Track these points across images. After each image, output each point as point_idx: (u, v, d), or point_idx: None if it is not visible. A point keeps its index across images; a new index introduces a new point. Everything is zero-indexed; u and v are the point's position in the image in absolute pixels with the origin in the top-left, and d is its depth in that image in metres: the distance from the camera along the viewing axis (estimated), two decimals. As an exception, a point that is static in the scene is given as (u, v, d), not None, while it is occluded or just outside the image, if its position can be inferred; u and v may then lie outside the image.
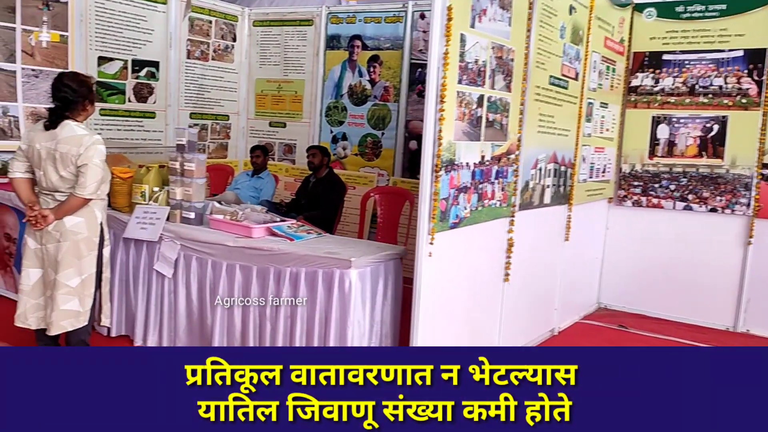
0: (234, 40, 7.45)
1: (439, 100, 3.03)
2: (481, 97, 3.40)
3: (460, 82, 3.18)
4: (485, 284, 3.80)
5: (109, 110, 6.22)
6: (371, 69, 6.86)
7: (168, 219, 3.88)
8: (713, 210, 5.21)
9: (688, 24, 5.23)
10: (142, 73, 6.46)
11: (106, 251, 3.53)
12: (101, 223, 3.46)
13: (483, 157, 3.50)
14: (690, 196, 5.30)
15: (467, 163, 3.35)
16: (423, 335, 3.12)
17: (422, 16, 6.48)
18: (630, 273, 5.56)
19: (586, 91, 4.73)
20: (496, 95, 3.55)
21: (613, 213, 5.62)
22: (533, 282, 4.38)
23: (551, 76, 4.19)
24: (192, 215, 3.85)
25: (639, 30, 5.42)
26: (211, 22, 7.12)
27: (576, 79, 4.58)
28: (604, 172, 5.36)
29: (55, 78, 3.42)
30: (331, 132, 7.17)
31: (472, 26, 3.22)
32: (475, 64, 3.29)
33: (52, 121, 3.32)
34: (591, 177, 5.09)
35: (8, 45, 5.39)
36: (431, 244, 3.10)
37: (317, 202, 5.69)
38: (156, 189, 4.01)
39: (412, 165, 6.67)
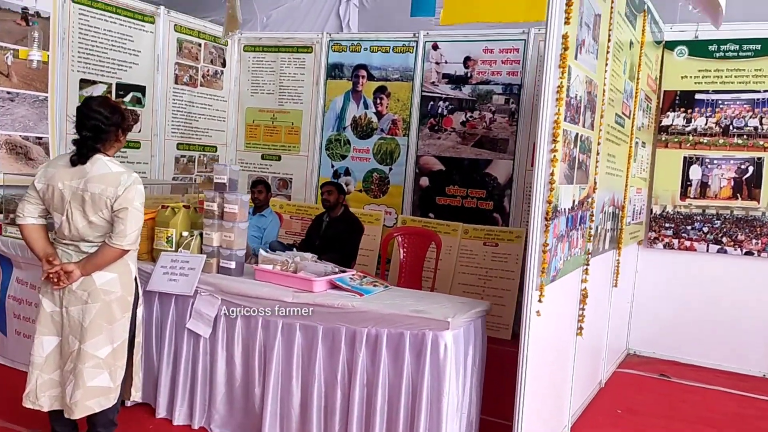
0: (224, 65, 6.94)
1: (552, 139, 2.67)
2: (576, 136, 3.06)
3: (564, 119, 2.84)
4: (562, 340, 3.43)
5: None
6: (378, 100, 6.48)
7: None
8: (749, 253, 5.03)
9: (722, 63, 5.10)
10: (127, 98, 5.86)
11: (140, 311, 2.95)
12: (135, 278, 2.90)
13: (574, 201, 3.15)
14: (724, 239, 5.11)
15: (565, 209, 2.99)
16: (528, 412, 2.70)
17: (435, 47, 6.18)
18: (661, 318, 5.31)
19: (634, 130, 4.50)
20: (585, 133, 3.23)
21: (643, 256, 5.38)
22: (592, 333, 4.05)
23: (616, 114, 3.92)
24: (232, 265, 3.32)
25: (669, 68, 5.26)
26: (200, 45, 6.60)
27: (629, 117, 4.34)
28: (640, 213, 5.14)
29: (82, 104, 2.86)
30: (333, 166, 6.72)
31: (575, 58, 2.89)
32: (575, 99, 2.95)
33: (82, 154, 2.76)
34: (632, 219, 4.84)
35: (-17, 64, 4.74)
36: (540, 302, 2.71)
37: (334, 243, 5.22)
38: (185, 233, 3.46)
39: (423, 203, 6.30)
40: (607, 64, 3.49)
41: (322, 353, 2.96)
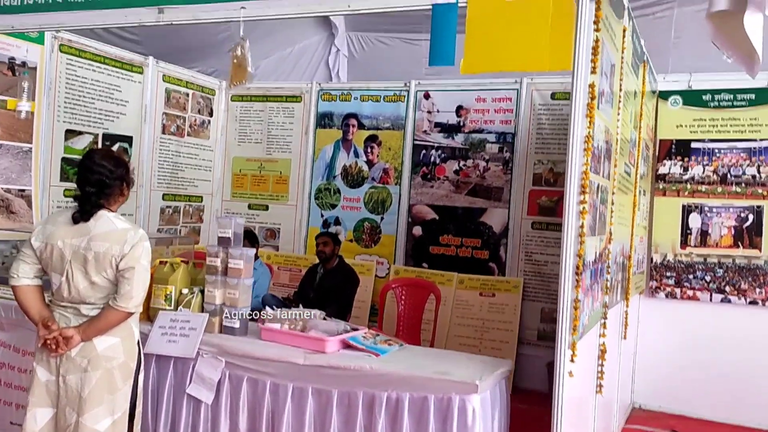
0: (211, 114, 6.82)
1: (581, 190, 2.57)
2: (597, 186, 2.98)
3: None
4: (583, 398, 3.27)
5: (75, 190, 5.32)
6: (369, 149, 6.40)
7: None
8: (753, 303, 4.98)
9: (717, 112, 5.14)
10: (114, 148, 5.67)
11: (142, 377, 2.73)
12: (138, 342, 2.69)
13: (596, 253, 3.04)
14: (728, 288, 5.06)
15: (589, 262, 2.88)
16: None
17: (426, 96, 6.15)
18: (665, 370, 5.19)
19: (637, 179, 4.46)
20: (603, 183, 3.15)
21: (645, 305, 5.28)
22: (606, 389, 3.90)
23: (625, 163, 3.88)
24: (237, 324, 3.12)
25: (664, 117, 5.29)
26: (188, 95, 6.49)
27: (633, 166, 4.30)
28: (642, 262, 5.07)
29: (84, 157, 2.71)
30: (322, 216, 6.57)
31: (598, 107, 2.83)
32: (597, 150, 2.88)
33: (86, 211, 2.58)
34: (636, 269, 4.77)
35: (-34, 114, 4.54)
36: (572, 361, 2.56)
37: (329, 296, 5.04)
38: (185, 291, 3.26)
39: (416, 253, 6.16)
40: (619, 114, 3.46)
41: (337, 420, 2.75)
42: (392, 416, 2.65)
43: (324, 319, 3.15)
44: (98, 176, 2.61)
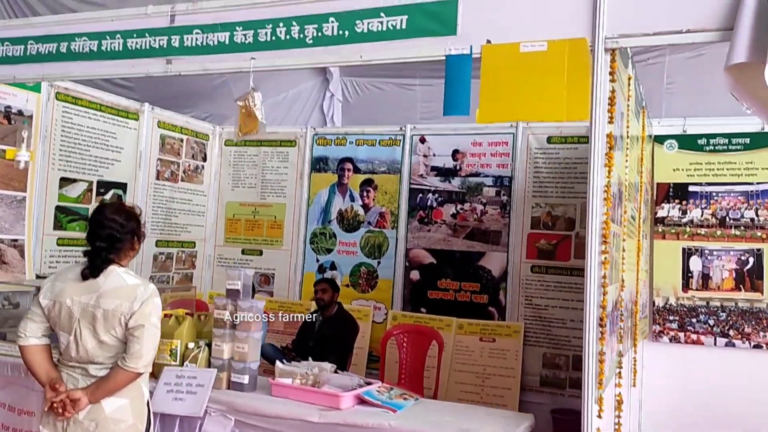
0: (204, 159, 6.78)
1: (602, 240, 2.55)
2: (613, 234, 2.96)
3: (605, 218, 2.73)
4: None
5: (68, 239, 5.24)
6: (364, 193, 6.37)
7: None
8: (758, 346, 4.96)
9: (713, 156, 5.20)
10: (108, 195, 5.59)
11: (151, 439, 2.62)
12: (148, 402, 2.58)
13: (613, 302, 3.01)
14: (731, 332, 5.04)
15: (609, 312, 2.84)
16: None
17: (422, 140, 6.17)
18: (669, 416, 5.11)
19: (641, 223, 4.47)
20: (617, 230, 3.13)
21: (649, 350, 5.24)
22: (619, 439, 3.81)
23: (631, 207, 3.88)
24: (246, 380, 3.02)
25: (661, 161, 5.34)
26: (182, 140, 6.45)
27: (637, 210, 4.31)
28: (645, 306, 5.04)
29: (95, 212, 2.65)
30: (317, 260, 6.49)
31: (612, 156, 2.83)
32: (613, 197, 2.87)
33: (96, 267, 2.50)
34: (641, 314, 4.74)
35: (-40, 163, 4.46)
36: (599, 417, 2.50)
37: (329, 344, 4.94)
38: (191, 345, 3.16)
39: (414, 298, 6.09)
40: (627, 159, 3.47)
41: (355, 481, 2.64)
42: (413, 477, 2.55)
43: (336, 372, 3.06)
44: (109, 231, 2.54)
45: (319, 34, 3.01)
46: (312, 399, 2.89)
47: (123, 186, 5.74)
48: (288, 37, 3.08)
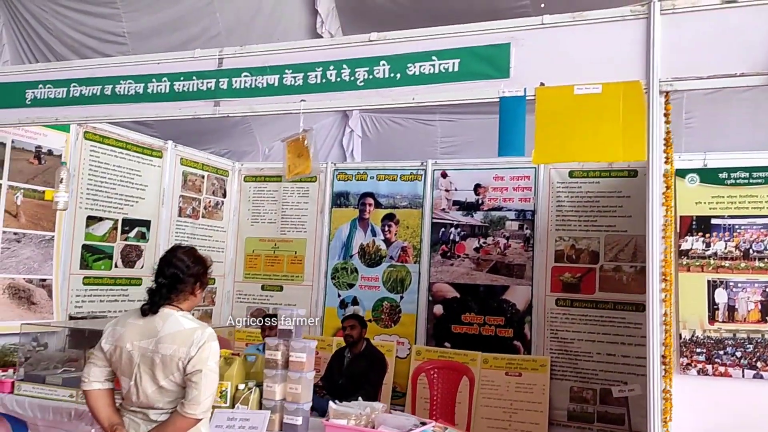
0: (224, 195, 6.81)
1: (662, 278, 2.57)
2: (664, 272, 2.99)
3: (660, 256, 2.77)
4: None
5: (94, 278, 5.24)
6: (386, 228, 6.40)
7: (262, 427, 2.99)
8: (786, 377, 4.95)
9: (734, 190, 5.24)
10: (132, 233, 5.61)
11: (213, 485, 2.59)
12: (210, 447, 2.56)
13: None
14: (759, 364, 5.03)
15: (663, 350, 2.85)
16: None
17: (444, 175, 6.22)
18: (701, 449, 5.09)
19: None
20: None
21: (677, 383, 5.20)
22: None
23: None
24: (299, 421, 3.00)
25: (683, 194, 5.36)
26: (203, 176, 6.49)
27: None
28: (673, 339, 5.04)
29: (167, 251, 2.68)
30: (339, 296, 6.49)
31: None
32: (663, 236, 2.91)
33: (154, 303, 2.52)
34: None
35: (-8, 204, 4.47)
36: (662, 456, 2.49)
37: (358, 381, 4.90)
38: (240, 386, 3.14)
39: (438, 332, 6.08)
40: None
41: None
42: None
43: (390, 412, 3.04)
44: (174, 270, 2.56)
45: (370, 76, 3.06)
46: (369, 440, 2.87)
47: (147, 224, 5.75)
48: (338, 79, 3.13)
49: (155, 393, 2.47)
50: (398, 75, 3.02)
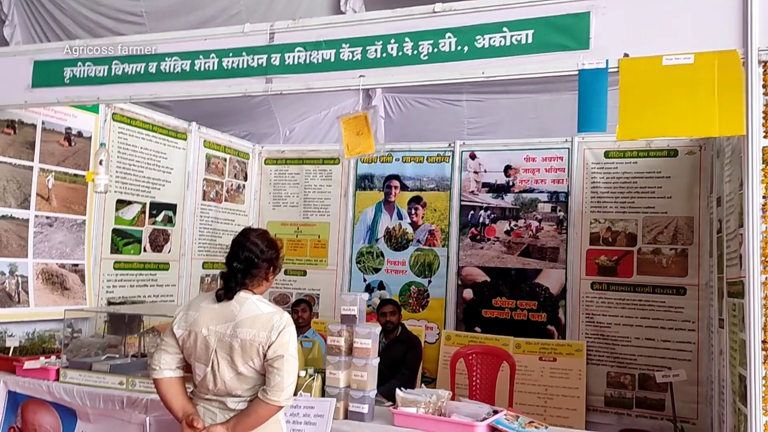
0: (246, 179, 6.66)
1: (763, 259, 2.46)
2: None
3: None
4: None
5: (124, 263, 5.10)
6: (412, 211, 6.27)
7: (326, 415, 2.88)
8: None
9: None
10: (159, 217, 5.46)
11: (289, 475, 2.48)
12: (287, 435, 2.45)
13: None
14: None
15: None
16: None
17: (472, 156, 6.09)
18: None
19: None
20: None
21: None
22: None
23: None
24: (365, 409, 2.90)
25: None
26: (225, 159, 6.33)
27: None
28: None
29: (240, 234, 2.55)
30: (365, 280, 6.37)
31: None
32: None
33: (230, 288, 2.40)
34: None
35: (23, 188, 4.32)
36: (760, 443, 2.40)
37: (396, 367, 4.81)
38: (301, 373, 3.03)
39: (467, 317, 5.98)
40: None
41: None
42: None
43: (459, 400, 2.94)
44: (248, 254, 2.44)
45: (435, 50, 2.92)
46: (443, 429, 2.76)
47: (173, 207, 5.61)
48: (400, 53, 2.99)
49: (233, 380, 2.36)
50: (465, 48, 2.88)
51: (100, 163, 3.71)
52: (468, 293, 6.02)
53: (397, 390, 2.97)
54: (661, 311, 5.28)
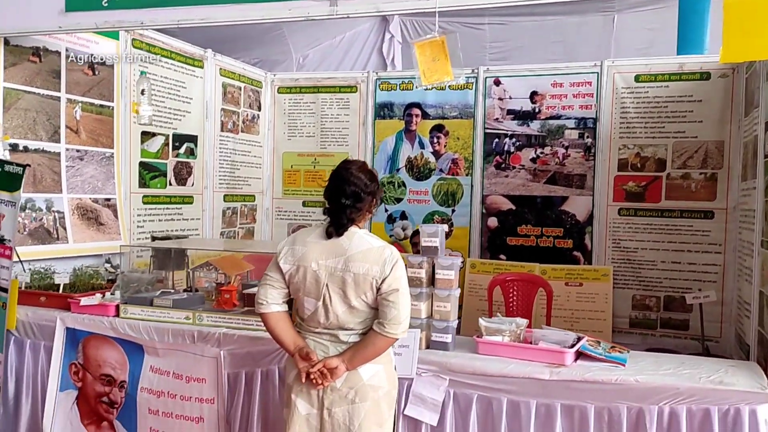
0: (260, 108, 6.45)
1: None
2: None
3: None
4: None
5: (152, 197, 4.96)
6: (434, 139, 6.17)
7: (408, 346, 2.88)
8: None
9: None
10: (182, 150, 5.29)
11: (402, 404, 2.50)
12: (395, 367, 2.44)
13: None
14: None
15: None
16: None
17: (497, 82, 5.96)
18: None
19: None
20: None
21: None
22: None
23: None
24: (448, 338, 2.90)
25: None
26: (240, 88, 6.11)
27: None
28: None
29: (340, 167, 2.46)
30: (386, 211, 6.32)
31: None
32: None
33: (341, 225, 2.33)
34: None
35: (52, 119, 4.11)
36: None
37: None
38: (381, 305, 3.00)
39: (492, 245, 6.01)
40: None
41: (595, 436, 2.58)
42: None
43: (540, 327, 2.96)
44: (354, 188, 2.37)
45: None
46: (530, 356, 2.79)
47: (194, 139, 5.43)
48: (481, -29, 2.82)
49: (346, 313, 2.33)
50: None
51: (142, 92, 3.51)
52: (492, 221, 6.02)
53: (480, 319, 2.97)
54: (687, 235, 5.36)
